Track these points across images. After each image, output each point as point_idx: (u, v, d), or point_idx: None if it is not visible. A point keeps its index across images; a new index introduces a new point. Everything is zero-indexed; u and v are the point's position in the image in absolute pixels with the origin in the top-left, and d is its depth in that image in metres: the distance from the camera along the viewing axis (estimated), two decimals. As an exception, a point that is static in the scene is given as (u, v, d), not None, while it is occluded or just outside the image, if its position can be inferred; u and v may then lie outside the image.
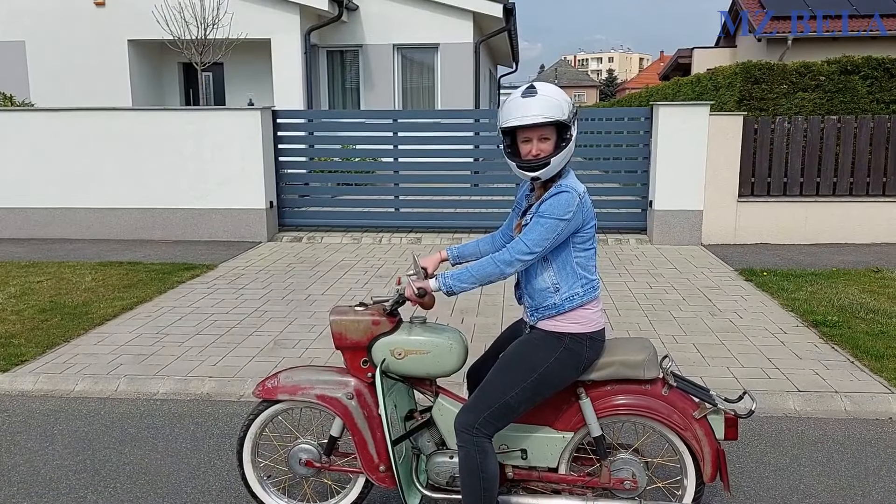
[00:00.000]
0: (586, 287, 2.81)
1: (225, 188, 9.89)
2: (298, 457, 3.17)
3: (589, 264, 2.83)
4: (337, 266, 8.36)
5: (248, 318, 6.32)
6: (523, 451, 2.97)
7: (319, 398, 3.04)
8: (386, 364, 2.96)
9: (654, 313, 6.37)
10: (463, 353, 2.97)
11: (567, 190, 2.71)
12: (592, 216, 2.80)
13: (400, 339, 2.95)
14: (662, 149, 9.34)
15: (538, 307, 2.83)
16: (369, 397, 3.04)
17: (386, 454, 3.02)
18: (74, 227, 10.16)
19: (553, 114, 2.65)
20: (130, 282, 7.62)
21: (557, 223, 2.68)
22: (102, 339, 5.79)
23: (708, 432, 2.87)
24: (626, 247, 9.44)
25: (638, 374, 2.85)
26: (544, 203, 2.72)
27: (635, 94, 19.49)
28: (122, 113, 9.96)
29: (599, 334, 2.85)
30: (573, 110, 2.73)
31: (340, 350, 3.03)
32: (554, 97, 2.68)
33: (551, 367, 2.77)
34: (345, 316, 2.98)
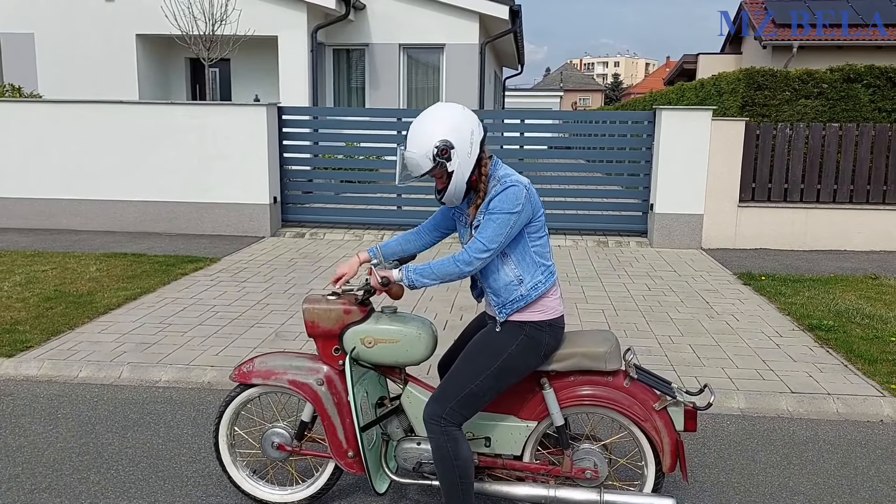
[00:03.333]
0: (546, 274, 2.91)
1: (229, 183, 9.98)
2: (271, 440, 3.24)
3: (545, 251, 2.93)
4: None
5: (249, 311, 6.40)
6: (488, 438, 3.06)
7: (291, 383, 3.12)
8: (356, 352, 3.03)
9: (652, 314, 6.43)
10: (431, 343, 3.05)
11: (514, 184, 2.79)
12: (540, 205, 2.91)
13: (370, 328, 3.02)
14: (664, 153, 9.41)
15: (506, 302, 2.90)
16: (340, 384, 3.11)
17: (355, 440, 3.10)
18: (79, 218, 10.24)
19: (418, 171, 2.81)
20: (134, 273, 7.69)
21: (509, 217, 2.77)
22: (106, 328, 5.87)
23: (668, 423, 2.94)
24: (626, 249, 9.50)
25: (600, 366, 2.92)
26: (493, 200, 2.80)
27: (639, 99, 19.56)
28: (129, 106, 10.04)
29: (558, 321, 2.94)
30: (443, 146, 2.75)
31: (313, 337, 3.10)
32: (414, 155, 2.78)
33: (512, 355, 2.86)
34: (317, 304, 3.06)
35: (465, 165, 2.80)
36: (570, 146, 11.15)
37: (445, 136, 2.76)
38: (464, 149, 2.78)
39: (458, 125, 2.78)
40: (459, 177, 2.81)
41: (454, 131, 2.77)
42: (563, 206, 10.44)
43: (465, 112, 2.84)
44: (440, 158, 2.76)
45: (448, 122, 2.78)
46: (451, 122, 2.78)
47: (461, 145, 2.78)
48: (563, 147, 11.30)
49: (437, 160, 2.76)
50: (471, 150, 2.80)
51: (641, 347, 5.51)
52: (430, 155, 2.76)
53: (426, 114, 2.84)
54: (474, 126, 2.83)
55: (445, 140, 2.76)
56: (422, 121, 2.81)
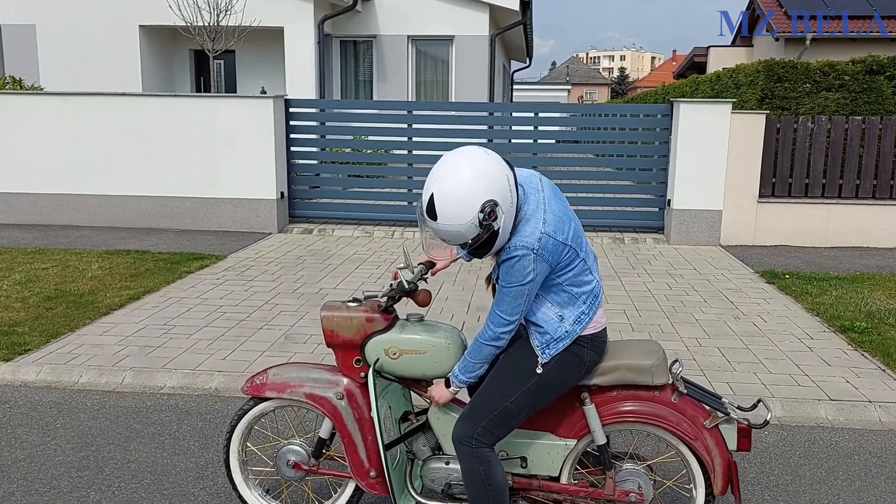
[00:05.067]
0: (589, 300, 2.63)
1: (235, 177, 9.73)
2: (287, 458, 3.01)
3: (582, 278, 2.61)
4: (349, 260, 8.19)
5: (257, 311, 6.16)
6: (523, 458, 2.81)
7: (308, 397, 2.88)
8: (380, 364, 2.80)
9: (676, 315, 6.18)
10: (461, 354, 2.81)
11: (515, 255, 2.43)
12: (562, 245, 2.50)
13: (395, 338, 2.78)
14: (682, 147, 9.14)
15: (549, 342, 2.62)
16: (361, 398, 2.87)
17: (377, 459, 2.86)
18: (82, 213, 10.01)
19: (458, 241, 2.42)
20: (138, 271, 7.46)
21: (521, 289, 2.47)
22: (108, 330, 5.64)
23: (719, 443, 2.69)
24: (643, 246, 9.25)
25: (646, 380, 2.68)
26: (501, 271, 2.50)
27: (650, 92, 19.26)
28: (132, 98, 9.80)
29: (601, 335, 2.68)
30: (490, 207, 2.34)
31: (332, 347, 2.87)
32: (455, 228, 2.37)
33: (551, 371, 2.61)
34: (336, 312, 2.82)
35: (508, 217, 2.42)
36: (584, 140, 10.87)
37: (489, 195, 2.35)
38: (506, 199, 2.40)
39: (496, 175, 2.37)
40: (504, 231, 2.44)
41: (494, 185, 2.36)
42: (577, 201, 10.17)
43: (492, 156, 2.42)
44: (489, 222, 2.36)
45: (485, 177, 2.35)
46: (488, 175, 2.36)
47: (504, 197, 2.39)
48: (576, 141, 11.04)
49: (486, 224, 2.36)
50: (512, 197, 2.42)
51: (669, 351, 5.26)
52: (475, 222, 2.35)
53: (453, 173, 2.36)
54: (505, 169, 2.44)
55: (491, 200, 2.35)
56: (451, 183, 2.34)
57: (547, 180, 2.66)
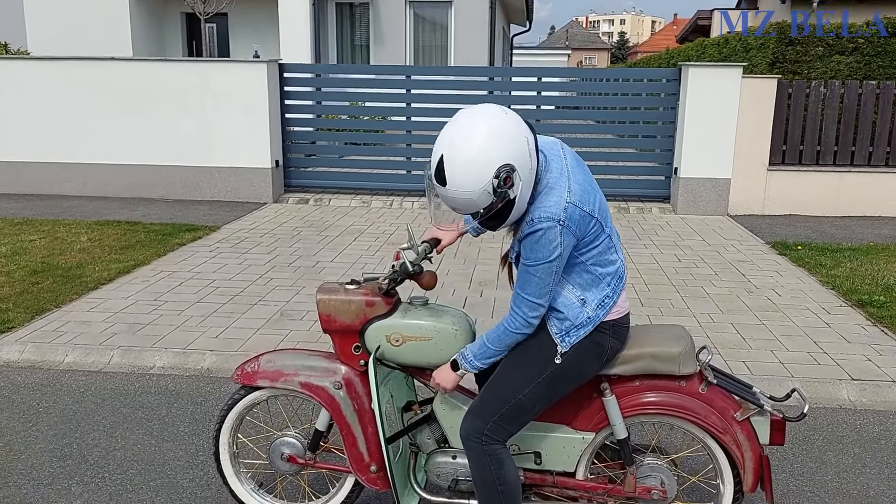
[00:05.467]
0: (613, 282, 2.39)
1: (228, 145, 9.43)
2: (281, 451, 2.79)
3: (607, 257, 2.36)
4: (346, 231, 7.94)
5: (252, 286, 5.93)
6: (537, 454, 2.59)
7: (304, 386, 2.66)
8: (381, 351, 2.57)
9: (686, 289, 5.95)
10: (469, 341, 2.58)
11: (540, 228, 2.17)
12: (589, 217, 2.25)
13: (397, 324, 2.55)
14: (690, 113, 8.84)
15: (570, 328, 2.37)
16: (361, 388, 2.65)
17: (378, 452, 2.65)
18: (71, 183, 9.72)
19: (470, 209, 2.15)
20: (128, 243, 7.21)
21: (549, 266, 2.21)
22: (96, 305, 5.41)
23: (751, 436, 2.48)
24: (648, 216, 8.99)
25: (672, 369, 2.45)
26: (524, 247, 2.24)
27: (654, 57, 18.85)
28: (122, 63, 9.45)
29: (623, 320, 2.44)
30: (506, 173, 2.07)
31: (329, 333, 2.64)
32: (466, 194, 2.10)
33: (569, 360, 2.38)
34: (334, 295, 2.58)
35: (527, 184, 2.16)
36: (586, 106, 10.56)
37: (505, 159, 2.07)
38: (525, 165, 2.12)
39: (514, 137, 2.09)
40: (521, 201, 2.17)
41: (511, 148, 2.08)
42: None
43: (510, 115, 2.14)
44: (503, 188, 2.10)
45: (502, 139, 2.07)
46: (505, 136, 2.08)
47: (522, 162, 2.11)
48: (580, 107, 10.73)
49: (501, 191, 2.09)
50: (531, 163, 2.15)
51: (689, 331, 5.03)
52: (489, 189, 2.08)
53: (466, 133, 2.08)
54: (525, 131, 2.15)
55: (507, 165, 2.08)
56: (463, 145, 2.07)
57: (569, 149, 2.40)
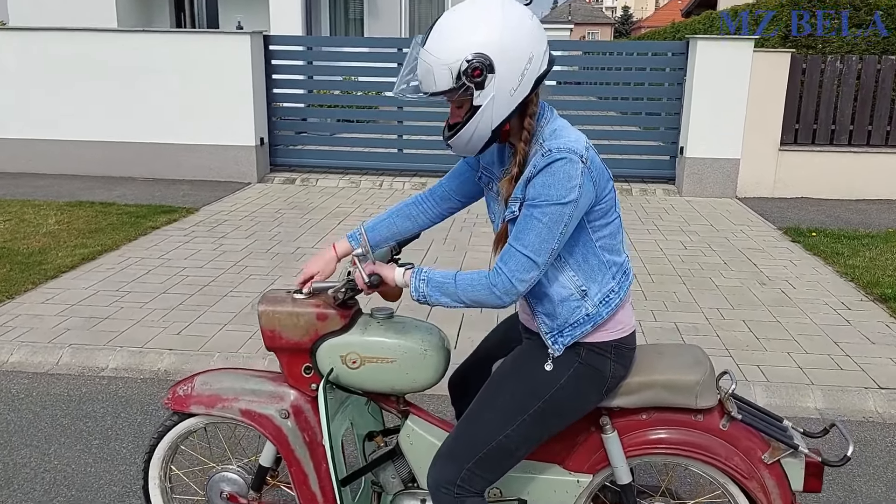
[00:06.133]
0: (619, 277, 1.98)
1: (210, 122, 8.94)
2: (220, 488, 2.37)
3: (615, 244, 1.97)
4: (331, 214, 7.48)
5: (224, 275, 5.49)
6: (522, 501, 2.16)
7: (245, 414, 2.23)
8: (335, 374, 2.14)
9: (693, 280, 5.51)
10: (442, 363, 2.15)
11: (563, 156, 1.80)
12: (607, 175, 1.93)
13: (354, 341, 2.12)
14: (698, 89, 8.34)
15: (563, 327, 1.96)
16: (313, 416, 2.22)
17: (333, 495, 2.22)
18: (45, 160, 9.24)
19: (429, 85, 1.82)
20: (98, 226, 6.76)
21: (562, 210, 1.81)
22: (52, 297, 4.97)
23: (781, 482, 2.03)
24: (652, 198, 8.53)
25: (688, 402, 2.01)
26: (535, 178, 1.83)
27: (660, 31, 18.25)
28: (96, 34, 8.93)
29: (629, 340, 2.01)
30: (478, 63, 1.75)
31: (274, 352, 2.20)
32: (432, 61, 1.79)
33: (562, 392, 1.95)
34: (279, 306, 2.14)
35: (501, 105, 1.81)
36: (587, 81, 10.05)
37: (486, 48, 1.75)
38: (508, 79, 1.79)
39: (513, 40, 1.77)
40: (486, 118, 1.82)
41: (502, 47, 1.76)
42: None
43: (531, 22, 1.81)
44: (468, 80, 1.77)
45: (498, 30, 1.76)
46: (503, 31, 1.76)
47: (506, 73, 1.78)
48: (581, 83, 10.22)
49: (463, 82, 1.77)
50: (518, 84, 1.80)
51: (687, 325, 4.61)
52: (454, 69, 1.76)
53: (473, 5, 1.81)
54: (537, 50, 1.80)
55: (483, 55, 1.76)
56: (461, 13, 1.80)
57: None
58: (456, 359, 2.42)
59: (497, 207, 2.06)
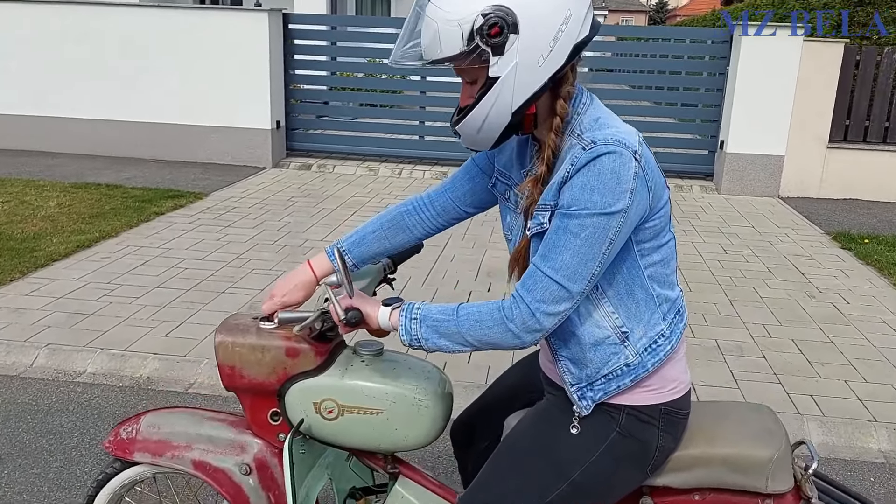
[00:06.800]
0: (671, 317, 1.53)
1: (225, 103, 8.55)
2: None
3: (667, 273, 1.53)
4: (345, 203, 7.07)
5: (225, 268, 5.10)
6: None
7: (197, 467, 1.81)
8: (307, 425, 1.71)
9: (735, 290, 5.02)
10: (441, 416, 1.72)
11: (611, 149, 1.37)
12: (663, 182, 1.50)
13: (331, 385, 1.69)
14: (742, 80, 7.78)
15: (594, 378, 1.52)
16: (280, 473, 1.80)
17: None
18: (56, 138, 8.92)
19: (433, 50, 1.40)
20: (100, 210, 6.41)
21: (607, 222, 1.37)
22: (38, 288, 4.61)
23: None
24: (688, 195, 8.00)
25: (756, 485, 1.55)
26: (571, 186, 1.39)
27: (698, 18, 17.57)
28: (109, 9, 8.56)
29: (681, 403, 1.56)
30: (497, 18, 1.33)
31: (235, 392, 1.78)
32: (438, 17, 1.36)
33: (594, 469, 1.52)
34: (240, 337, 1.71)
35: (525, 78, 1.38)
36: (621, 69, 9.53)
37: (513, 4, 1.33)
38: (536, 43, 1.35)
39: None
40: (504, 96, 1.38)
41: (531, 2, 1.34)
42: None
43: None
44: (483, 42, 1.34)
45: None
46: None
47: (534, 34, 1.35)
48: (614, 70, 9.69)
49: (477, 43, 1.34)
50: (550, 51, 1.36)
51: (729, 343, 4.13)
52: (465, 27, 1.34)
53: None
54: (577, 7, 1.37)
55: (504, 9, 1.33)
56: None
57: None
58: (461, 400, 1.99)
59: (515, 222, 1.63)
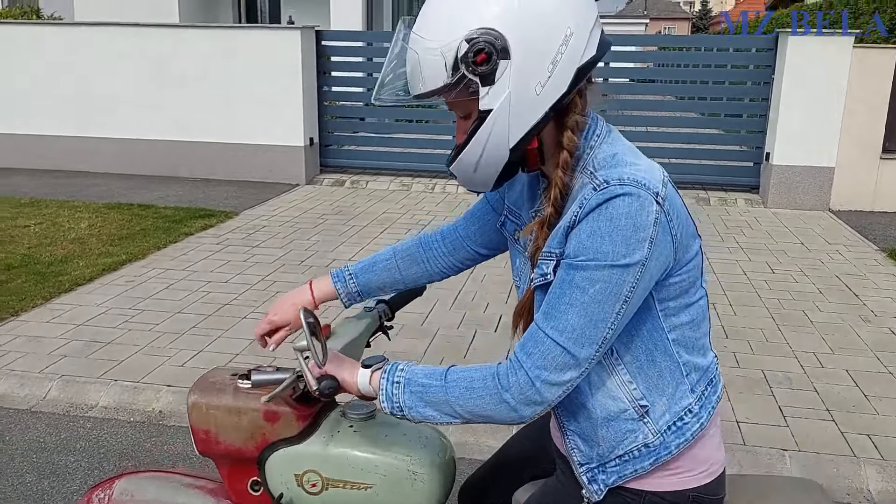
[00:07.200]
0: (702, 389, 1.31)
1: (258, 120, 8.50)
2: None
3: (698, 337, 1.30)
4: (376, 220, 6.92)
5: (248, 291, 4.98)
6: None
7: None
8: (288, 499, 1.52)
9: (783, 313, 4.71)
10: (440, 488, 1.51)
11: (627, 190, 1.17)
12: (693, 228, 1.28)
13: (314, 454, 1.50)
14: (788, 88, 7.44)
15: (608, 457, 1.31)
16: None
17: None
18: (96, 158, 8.97)
19: (416, 82, 1.22)
20: (130, 231, 6.37)
21: (621, 276, 1.16)
22: (60, 314, 4.54)
23: None
24: (732, 209, 7.67)
25: None
26: (579, 233, 1.19)
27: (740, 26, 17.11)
28: (145, 29, 8.60)
29: (714, 488, 1.33)
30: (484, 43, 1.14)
31: (210, 458, 1.60)
32: (419, 48, 1.19)
33: None
34: (215, 398, 1.53)
35: (522, 108, 1.19)
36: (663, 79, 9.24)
37: (495, 22, 1.15)
38: (531, 68, 1.17)
39: (539, 7, 1.16)
40: (499, 130, 1.19)
41: (521, 19, 1.15)
42: (653, 152, 8.61)
43: None
44: (469, 70, 1.16)
45: None
46: None
47: (528, 58, 1.17)
48: (655, 81, 9.41)
49: (462, 72, 1.16)
50: (549, 76, 1.18)
51: (777, 374, 3.84)
52: (449, 55, 1.16)
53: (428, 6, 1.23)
54: (579, 24, 1.19)
55: (491, 32, 1.15)
56: (427, 10, 1.22)
57: None
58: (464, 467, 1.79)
59: (524, 268, 1.43)
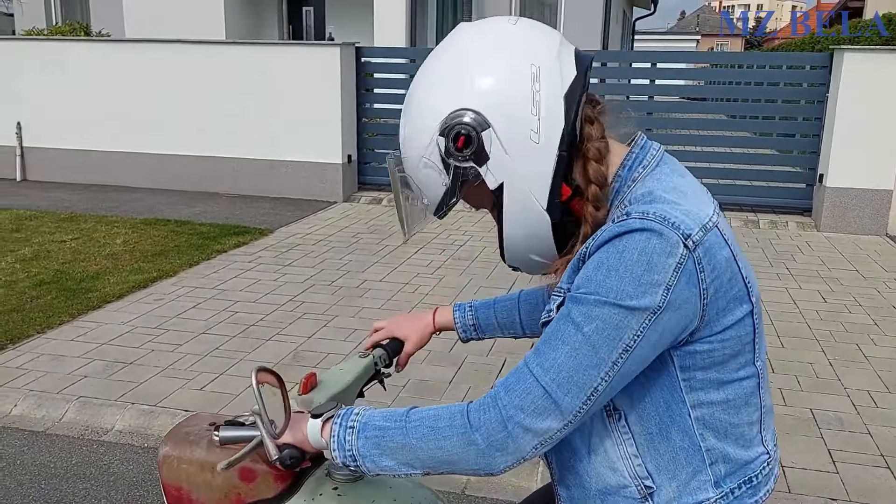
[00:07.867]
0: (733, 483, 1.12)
1: (297, 137, 8.47)
2: None
3: (737, 423, 1.11)
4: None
5: (276, 312, 4.88)
6: None
7: None
8: None
9: (835, 347, 4.42)
10: None
11: (646, 225, 1.00)
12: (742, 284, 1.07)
13: None
14: (843, 108, 7.11)
15: None
16: None
17: None
18: (137, 173, 9.05)
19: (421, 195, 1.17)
20: (164, 247, 6.35)
21: (622, 318, 0.99)
22: (85, 333, 4.50)
23: None
24: (783, 233, 7.35)
25: None
26: (587, 264, 1.04)
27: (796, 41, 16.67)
28: (186, 46, 8.67)
29: None
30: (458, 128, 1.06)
31: None
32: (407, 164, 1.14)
33: None
34: (187, 451, 1.38)
35: (530, 164, 1.06)
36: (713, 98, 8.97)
37: (456, 101, 1.07)
38: (517, 122, 1.05)
39: (493, 64, 1.07)
40: (521, 197, 1.08)
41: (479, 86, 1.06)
42: (700, 172, 8.33)
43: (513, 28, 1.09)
44: (458, 160, 1.07)
45: (463, 65, 1.08)
46: (470, 61, 1.08)
47: (507, 114, 1.06)
48: (701, 99, 9.14)
49: (453, 165, 1.08)
50: (538, 120, 1.05)
51: (828, 414, 3.57)
52: (433, 158, 1.09)
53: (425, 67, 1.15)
54: (540, 58, 1.06)
55: (456, 112, 1.07)
56: (417, 80, 1.15)
57: None
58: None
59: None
